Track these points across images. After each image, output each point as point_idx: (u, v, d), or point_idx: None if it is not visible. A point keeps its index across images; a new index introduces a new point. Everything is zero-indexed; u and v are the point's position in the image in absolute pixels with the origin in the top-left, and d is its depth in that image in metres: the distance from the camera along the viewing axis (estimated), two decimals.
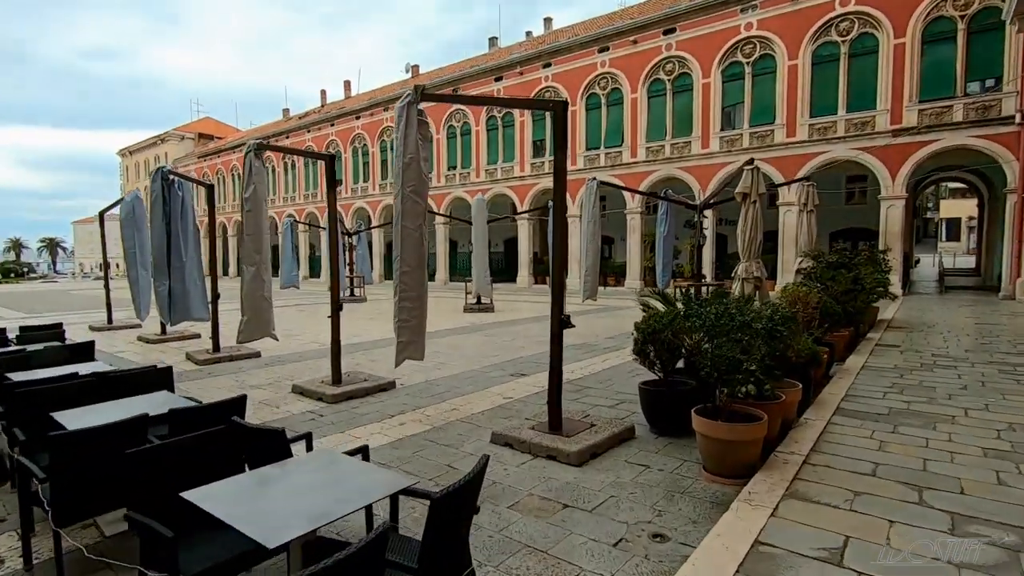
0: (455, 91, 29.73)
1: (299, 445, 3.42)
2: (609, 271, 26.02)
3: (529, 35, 33.85)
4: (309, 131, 38.61)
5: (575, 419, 4.85)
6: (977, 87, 17.18)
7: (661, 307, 5.04)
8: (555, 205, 4.30)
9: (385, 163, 33.80)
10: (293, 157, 39.11)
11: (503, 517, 3.29)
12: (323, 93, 45.28)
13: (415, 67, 38.85)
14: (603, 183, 11.71)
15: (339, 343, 6.42)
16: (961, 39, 16.97)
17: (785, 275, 20.03)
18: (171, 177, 9.50)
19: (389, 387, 6.57)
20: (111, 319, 13.13)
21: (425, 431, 4.98)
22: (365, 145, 34.83)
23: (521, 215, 26.27)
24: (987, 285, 20.95)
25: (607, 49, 24.29)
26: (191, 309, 9.88)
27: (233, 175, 44.92)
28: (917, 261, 32.64)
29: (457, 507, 2.03)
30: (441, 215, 27.60)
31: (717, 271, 23.26)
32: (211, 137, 52.90)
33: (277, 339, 7.65)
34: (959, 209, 47.54)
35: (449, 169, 30.58)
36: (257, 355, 8.86)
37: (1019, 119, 15.77)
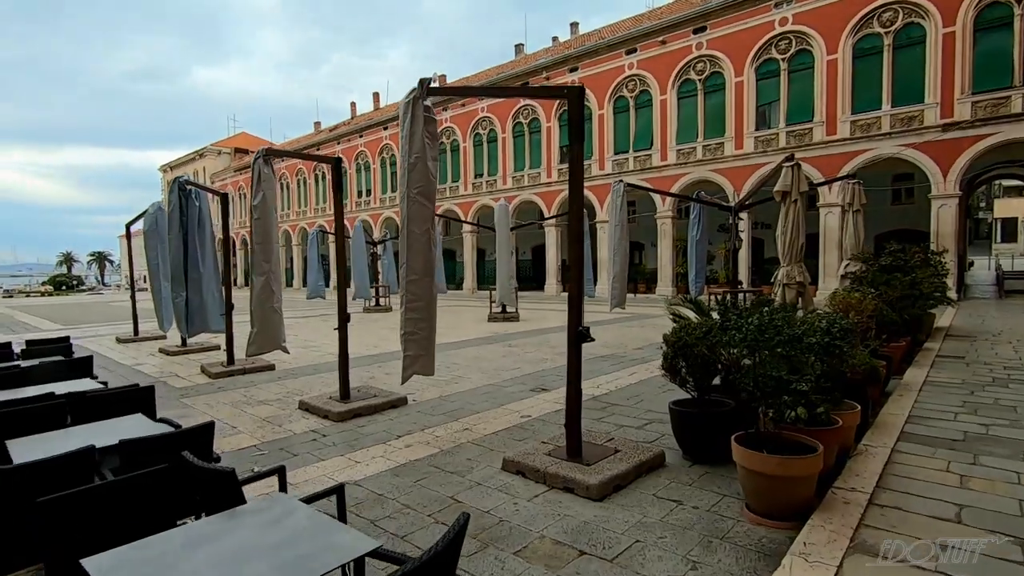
0: (481, 98, 29.56)
1: (270, 481, 3.02)
2: (639, 278, 25.28)
3: (555, 40, 33.48)
4: (339, 143, 39.05)
5: (597, 443, 4.33)
6: None
7: (694, 317, 4.49)
8: (571, 203, 3.82)
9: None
10: (322, 168, 39.58)
11: (507, 567, 2.80)
12: (353, 106, 45.88)
13: (442, 76, 38.93)
14: (631, 186, 11.16)
15: (347, 357, 6.05)
16: (1018, 25, 15.80)
17: (827, 280, 18.98)
18: (188, 188, 9.40)
19: (400, 403, 6.16)
20: (137, 331, 13.17)
21: (432, 455, 4.53)
22: (392, 155, 34.97)
23: (549, 220, 25.80)
24: None
25: (635, 51, 23.70)
26: (208, 321, 9.72)
27: None
28: (971, 264, 30.77)
29: None
30: (468, 223, 27.36)
31: (754, 277, 22.29)
32: (247, 151, 54.12)
33: (288, 352, 7.35)
34: (1016, 208, 44.83)
35: (476, 177, 30.35)
36: (271, 368, 8.60)
37: None
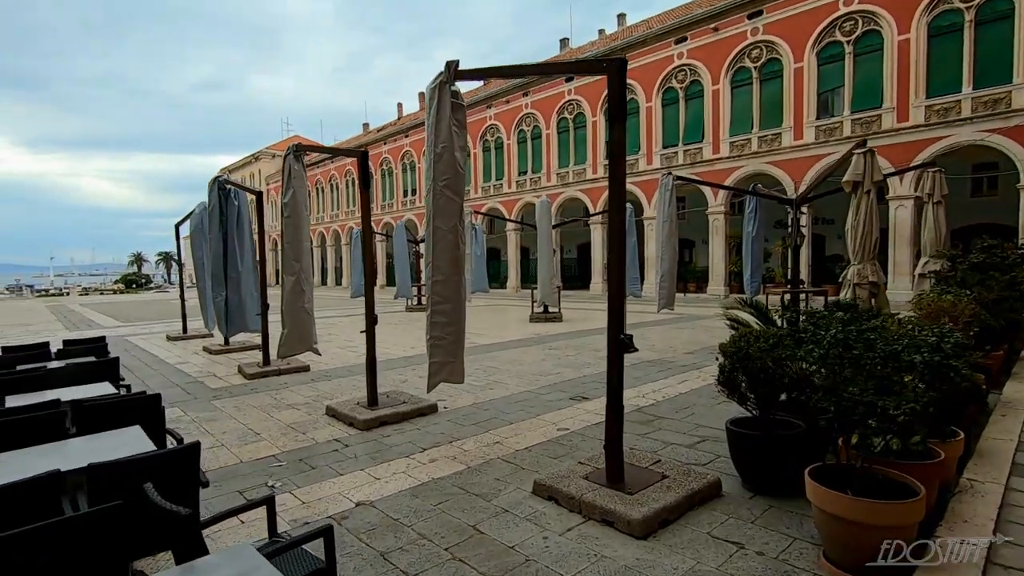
0: (526, 94, 29.17)
1: (256, 514, 2.69)
2: (689, 276, 24.23)
3: (602, 33, 32.66)
4: (385, 143, 39.50)
5: (642, 466, 3.81)
6: None
7: (755, 323, 3.90)
8: (611, 191, 3.32)
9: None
10: (371, 169, 40.15)
11: None
12: (399, 106, 46.37)
13: None
14: (681, 179, 10.46)
15: (374, 362, 5.74)
16: None
17: (898, 279, 17.54)
18: (227, 187, 9.40)
19: (429, 411, 5.80)
20: (185, 329, 13.45)
21: (457, 472, 4.12)
22: None
23: (594, 217, 25.11)
24: None
25: (685, 39, 22.70)
26: (247, 321, 9.72)
27: (316, 188, 46.98)
28: None
29: None
30: (511, 221, 26.99)
31: (814, 275, 20.92)
32: None
33: (319, 353, 7.14)
34: None
35: (520, 174, 29.94)
36: (306, 368, 8.44)
37: None
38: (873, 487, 2.58)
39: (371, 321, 5.67)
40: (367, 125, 50.36)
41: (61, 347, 6.38)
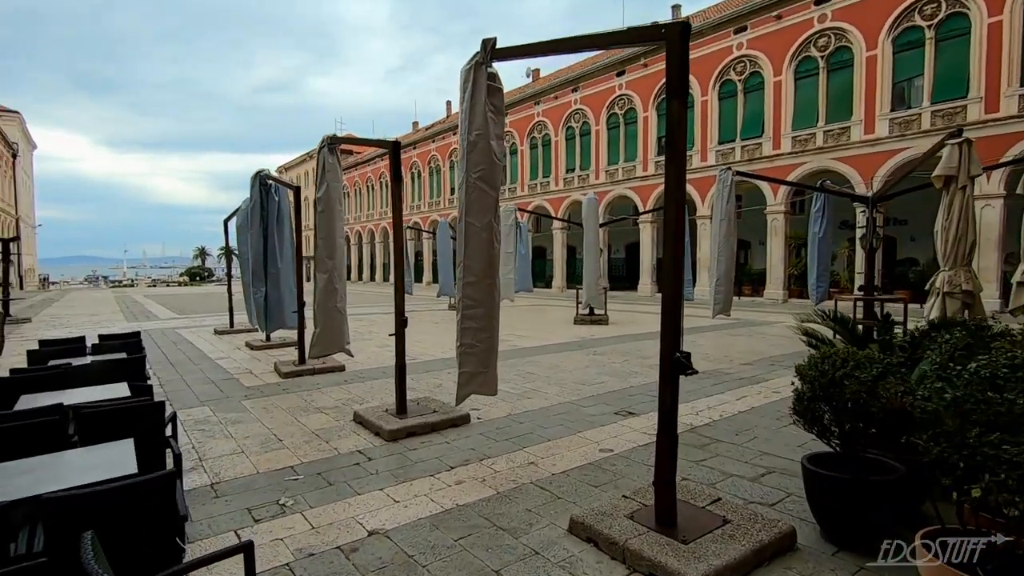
0: (575, 89, 28.52)
1: (232, 563, 2.33)
2: (745, 279, 23.00)
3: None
4: (434, 141, 39.67)
5: (698, 504, 3.26)
6: None
7: (838, 340, 3.27)
8: (667, 176, 2.78)
9: (503, 169, 33.69)
10: (418, 166, 40.48)
11: None
12: (448, 104, 46.43)
13: (535, 71, 38.19)
14: (742, 175, 9.69)
15: (404, 367, 5.37)
16: None
17: (984, 286, 15.93)
18: (268, 182, 9.31)
19: (461, 422, 5.38)
20: (232, 323, 13.64)
21: (485, 499, 3.68)
22: None
23: (644, 216, 24.25)
24: None
25: (744, 29, 21.50)
26: (285, 318, 9.62)
27: (368, 186, 47.78)
28: None
29: None
30: (557, 219, 26.44)
31: (884, 280, 19.39)
32: (351, 152, 56.98)
33: (351, 355, 6.89)
34: None
35: (568, 172, 29.32)
36: (341, 368, 8.22)
37: None
38: (1017, 566, 1.96)
39: (400, 323, 5.30)
40: (416, 123, 50.86)
41: (96, 343, 6.30)
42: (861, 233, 9.25)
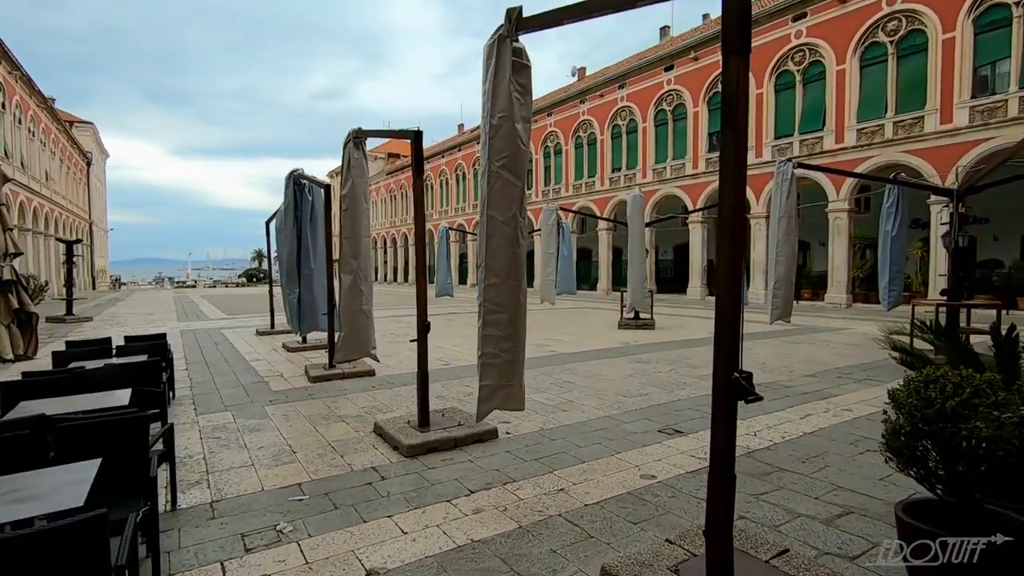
0: (621, 86, 27.73)
1: None
2: (804, 282, 21.59)
3: (706, 18, 30.32)
4: (478, 142, 39.53)
5: (759, 557, 2.66)
6: None
7: (935, 355, 2.60)
8: (722, 156, 2.22)
9: (547, 169, 33.28)
10: (463, 168, 40.52)
11: None
12: None
13: (581, 69, 37.49)
14: (805, 167, 8.86)
15: (426, 376, 4.95)
16: None
17: None
18: (303, 182, 9.15)
19: (488, 437, 4.92)
20: (273, 324, 13.69)
21: (504, 534, 3.19)
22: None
23: (694, 215, 23.21)
24: None
25: (804, 16, 20.21)
26: (318, 320, 9.43)
27: (401, 188, 48.28)
28: None
29: None
30: (602, 219, 25.71)
31: (965, 285, 17.70)
32: (398, 156, 57.85)
33: (378, 360, 6.57)
34: None
35: (613, 171, 28.51)
36: (371, 373, 7.91)
37: None
38: None
39: (423, 328, 4.89)
40: (462, 126, 51.01)
41: (122, 343, 6.20)
42: (943, 231, 8.23)
